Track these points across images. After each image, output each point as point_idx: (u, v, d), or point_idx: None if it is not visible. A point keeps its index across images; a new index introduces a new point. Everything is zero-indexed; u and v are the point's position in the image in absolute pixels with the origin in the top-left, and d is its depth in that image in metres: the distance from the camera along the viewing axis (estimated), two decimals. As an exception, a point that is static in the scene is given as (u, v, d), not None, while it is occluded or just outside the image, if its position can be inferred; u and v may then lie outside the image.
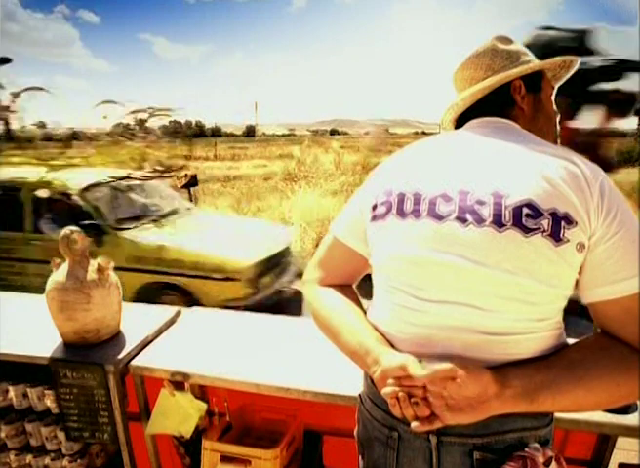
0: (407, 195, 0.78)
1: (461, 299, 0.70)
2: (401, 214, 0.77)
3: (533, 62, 0.87)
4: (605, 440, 1.14)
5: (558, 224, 0.67)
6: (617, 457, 1.16)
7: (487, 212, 0.69)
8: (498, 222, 0.68)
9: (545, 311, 0.70)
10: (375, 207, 0.83)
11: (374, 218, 0.82)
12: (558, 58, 0.88)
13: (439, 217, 0.73)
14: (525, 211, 0.67)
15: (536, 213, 0.67)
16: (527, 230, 0.67)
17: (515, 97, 0.86)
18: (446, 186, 0.75)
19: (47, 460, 1.48)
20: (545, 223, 0.67)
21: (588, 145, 3.60)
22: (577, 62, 0.91)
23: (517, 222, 0.67)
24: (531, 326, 0.69)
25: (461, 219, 0.71)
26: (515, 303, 0.68)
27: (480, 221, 0.69)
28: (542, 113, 0.89)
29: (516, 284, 0.68)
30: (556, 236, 0.66)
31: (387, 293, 0.80)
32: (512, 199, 0.68)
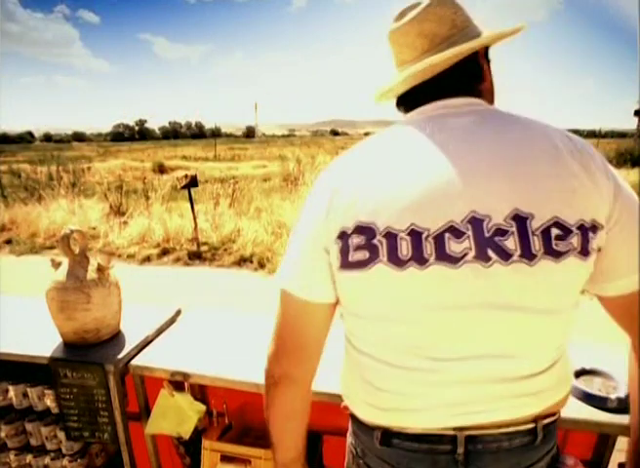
0: (400, 235, 0.59)
1: (490, 351, 0.62)
2: (396, 262, 0.59)
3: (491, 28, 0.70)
4: (605, 440, 1.14)
5: (586, 237, 0.58)
6: (617, 457, 1.16)
7: (512, 243, 0.57)
8: (527, 254, 0.57)
9: (570, 327, 0.67)
10: (345, 248, 0.62)
11: (347, 266, 0.62)
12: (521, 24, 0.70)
13: (453, 260, 0.58)
14: (554, 232, 0.57)
15: (565, 232, 0.57)
16: (559, 255, 0.57)
17: (483, 67, 0.71)
18: (450, 213, 0.58)
19: (47, 460, 1.48)
20: (575, 241, 0.58)
21: None
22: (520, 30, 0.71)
23: (548, 249, 0.57)
24: (560, 351, 0.69)
25: (482, 258, 0.57)
26: (550, 340, 0.65)
27: (506, 257, 0.57)
28: (493, 86, 0.74)
29: (552, 322, 0.62)
30: (585, 251, 0.58)
31: (385, 358, 0.67)
32: (538, 221, 0.57)
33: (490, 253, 0.57)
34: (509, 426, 0.67)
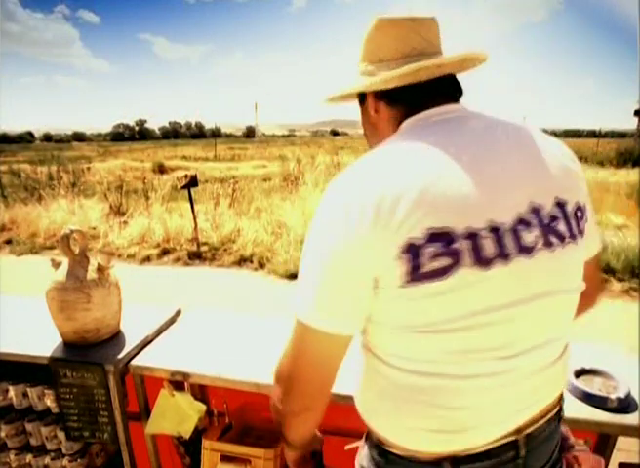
0: (480, 233, 0.56)
1: (549, 337, 0.65)
2: (481, 262, 0.56)
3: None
4: (605, 440, 1.14)
5: (583, 218, 0.67)
6: (617, 457, 1.16)
7: (563, 227, 0.62)
8: (573, 236, 0.64)
9: None
10: (415, 261, 0.55)
11: (418, 279, 0.56)
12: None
13: (528, 251, 0.59)
14: (579, 214, 0.66)
15: (582, 214, 0.67)
16: (583, 234, 0.66)
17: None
18: (516, 205, 0.60)
19: (47, 460, 1.48)
20: (583, 221, 0.67)
21: None
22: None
23: (580, 229, 0.65)
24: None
25: (548, 245, 0.61)
26: (571, 319, 0.71)
27: (562, 240, 0.62)
28: None
29: (575, 300, 0.69)
30: (583, 230, 0.67)
31: (449, 372, 0.61)
32: (570, 205, 0.64)
33: (552, 238, 0.61)
34: (549, 412, 0.71)
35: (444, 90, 0.72)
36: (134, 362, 1.32)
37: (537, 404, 0.69)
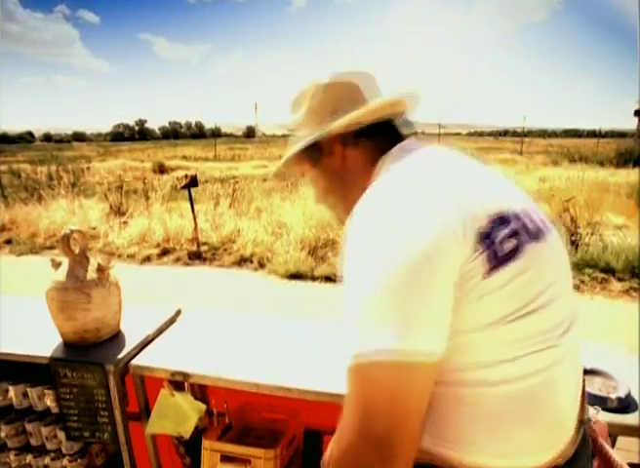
0: (519, 214, 0.62)
1: (570, 313, 0.67)
2: (533, 235, 0.61)
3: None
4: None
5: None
6: (617, 457, 1.16)
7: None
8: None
9: None
10: (492, 247, 0.55)
11: (499, 263, 0.55)
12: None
13: (548, 228, 0.67)
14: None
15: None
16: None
17: None
18: (518, 198, 0.68)
19: (47, 460, 1.48)
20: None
21: None
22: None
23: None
24: None
25: (547, 227, 0.69)
26: None
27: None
28: None
29: None
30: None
31: (532, 368, 0.59)
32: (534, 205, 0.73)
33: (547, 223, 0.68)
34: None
35: (398, 127, 0.81)
36: (134, 362, 1.32)
37: (579, 390, 0.70)
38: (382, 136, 0.77)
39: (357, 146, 0.77)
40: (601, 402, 1.05)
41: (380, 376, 0.51)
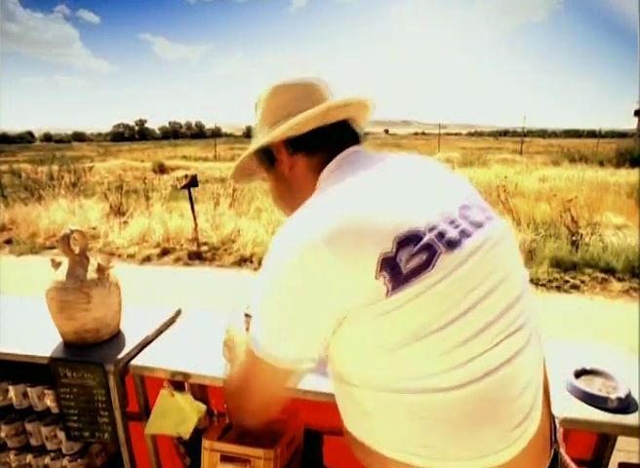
0: (439, 225, 0.63)
1: (516, 313, 0.70)
2: (452, 244, 0.62)
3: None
4: (605, 440, 1.14)
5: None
6: (617, 457, 1.16)
7: (486, 205, 0.76)
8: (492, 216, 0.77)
9: None
10: (395, 269, 0.58)
11: (402, 282, 0.58)
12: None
13: (481, 224, 0.68)
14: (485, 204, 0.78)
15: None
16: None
17: None
18: (456, 197, 0.71)
19: (47, 460, 1.48)
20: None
21: None
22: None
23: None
24: None
25: (489, 218, 0.71)
26: None
27: (490, 216, 0.73)
28: None
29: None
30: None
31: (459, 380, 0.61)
32: (478, 197, 0.78)
33: (488, 213, 0.72)
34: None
35: (349, 134, 0.80)
36: (134, 362, 1.32)
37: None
38: (327, 144, 0.78)
39: (303, 155, 0.78)
40: (601, 402, 1.05)
41: (259, 366, 0.67)
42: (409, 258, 0.59)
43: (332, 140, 0.78)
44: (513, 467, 0.63)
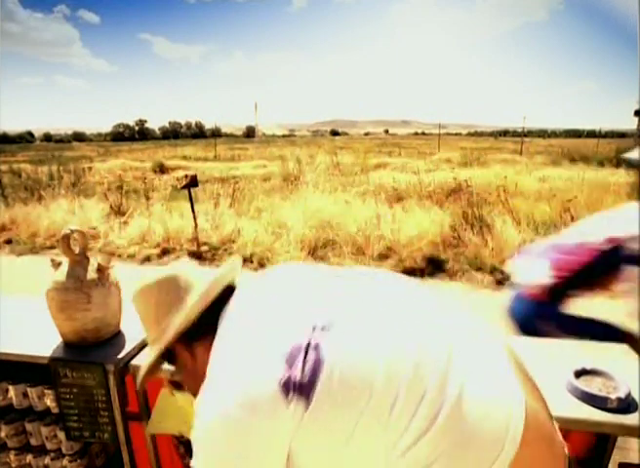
0: (316, 324, 0.69)
1: None
2: (334, 326, 0.69)
3: None
4: (605, 439, 1.13)
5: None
6: (617, 457, 1.16)
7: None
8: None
9: None
10: (297, 383, 0.63)
11: (310, 383, 0.63)
12: None
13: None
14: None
15: None
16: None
17: None
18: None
19: (47, 460, 1.48)
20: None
21: None
22: None
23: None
24: None
25: None
26: None
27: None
28: None
29: None
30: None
31: None
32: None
33: None
34: None
35: (229, 294, 0.85)
36: (134, 362, 1.32)
37: None
38: (216, 322, 0.79)
39: (199, 342, 0.82)
40: (601, 402, 1.05)
41: None
42: (303, 367, 0.63)
43: (216, 316, 0.81)
44: (526, 455, 0.64)
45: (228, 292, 0.86)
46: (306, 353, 0.64)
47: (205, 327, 0.81)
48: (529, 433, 0.65)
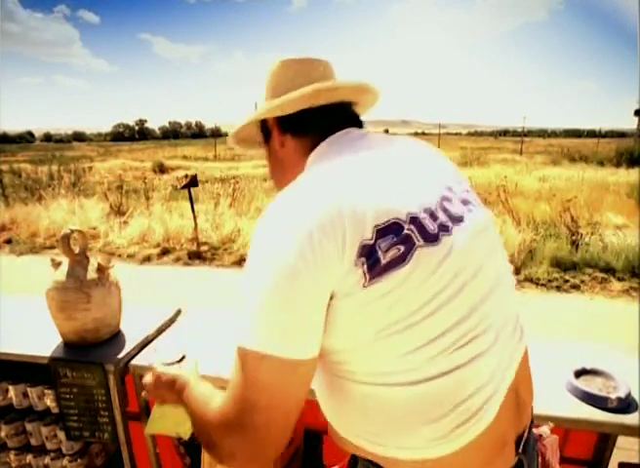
0: (420, 215, 0.62)
1: (497, 311, 0.72)
2: (430, 238, 0.61)
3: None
4: (605, 439, 1.13)
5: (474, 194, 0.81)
6: (617, 457, 1.16)
7: (469, 197, 0.75)
8: (476, 204, 0.77)
9: None
10: (373, 259, 0.57)
11: (380, 273, 0.57)
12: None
13: (460, 219, 0.66)
14: (471, 193, 0.79)
15: (471, 191, 0.80)
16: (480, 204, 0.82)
17: None
18: (436, 187, 0.69)
19: (47, 460, 1.48)
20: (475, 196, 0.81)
21: None
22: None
23: (478, 201, 0.80)
24: None
25: (470, 210, 0.70)
26: None
27: (473, 206, 0.74)
28: None
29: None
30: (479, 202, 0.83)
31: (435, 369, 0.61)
32: (464, 186, 0.78)
33: (470, 206, 0.71)
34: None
35: (344, 117, 0.78)
36: (134, 362, 1.32)
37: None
38: (316, 127, 0.76)
39: (292, 136, 0.78)
40: (601, 402, 1.05)
41: (244, 367, 0.64)
42: (387, 249, 0.58)
43: (321, 123, 0.76)
44: (453, 461, 0.63)
45: (350, 115, 0.81)
46: (398, 240, 0.58)
47: (307, 124, 0.77)
48: None
